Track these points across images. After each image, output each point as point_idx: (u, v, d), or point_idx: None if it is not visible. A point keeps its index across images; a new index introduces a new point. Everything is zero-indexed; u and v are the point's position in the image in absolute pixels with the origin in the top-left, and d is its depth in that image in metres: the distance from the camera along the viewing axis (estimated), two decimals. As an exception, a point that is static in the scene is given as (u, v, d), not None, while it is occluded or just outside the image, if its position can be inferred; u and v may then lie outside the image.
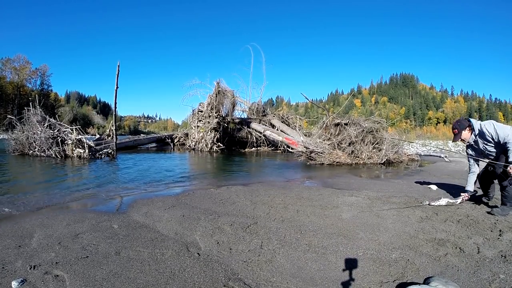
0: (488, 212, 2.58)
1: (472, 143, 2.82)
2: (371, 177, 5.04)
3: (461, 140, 2.85)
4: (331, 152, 6.87)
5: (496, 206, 2.64)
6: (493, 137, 2.63)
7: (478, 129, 2.70)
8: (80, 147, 7.41)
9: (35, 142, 7.51)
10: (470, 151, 2.94)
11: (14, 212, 2.58)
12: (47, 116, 7.83)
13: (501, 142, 2.58)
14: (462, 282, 1.41)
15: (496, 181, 2.83)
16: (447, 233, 2.05)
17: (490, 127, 2.63)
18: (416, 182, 4.21)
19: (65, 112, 53.63)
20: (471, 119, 2.79)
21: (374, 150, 7.14)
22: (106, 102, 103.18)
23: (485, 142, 2.72)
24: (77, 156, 7.30)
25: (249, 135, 12.52)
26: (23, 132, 7.86)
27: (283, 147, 11.13)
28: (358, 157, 6.95)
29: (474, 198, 3.03)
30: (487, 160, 2.75)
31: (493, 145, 2.69)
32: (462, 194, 2.94)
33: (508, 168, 2.49)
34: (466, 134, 2.79)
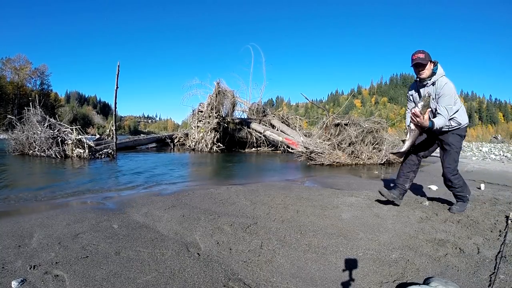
0: (448, 209, 2.61)
1: (420, 89, 2.40)
2: (371, 177, 5.04)
3: (419, 77, 2.34)
4: (331, 152, 6.87)
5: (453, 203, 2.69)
6: (437, 94, 2.27)
7: (436, 79, 2.29)
8: (80, 147, 7.40)
9: (35, 142, 7.50)
10: (411, 98, 2.54)
11: (14, 212, 2.58)
12: (47, 116, 7.82)
13: (436, 100, 2.27)
14: (462, 282, 1.41)
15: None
16: (447, 234, 2.05)
17: (448, 84, 2.24)
18: (416, 182, 4.21)
19: (65, 112, 53.70)
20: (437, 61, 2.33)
21: (374, 150, 7.14)
22: (106, 102, 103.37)
23: (433, 96, 2.31)
24: (77, 156, 7.30)
25: (249, 136, 12.52)
26: (23, 132, 7.85)
27: (283, 147, 11.12)
28: (358, 157, 6.95)
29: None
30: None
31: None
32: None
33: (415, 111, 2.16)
34: (429, 68, 2.29)
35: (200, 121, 11.67)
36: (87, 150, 7.37)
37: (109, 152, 7.66)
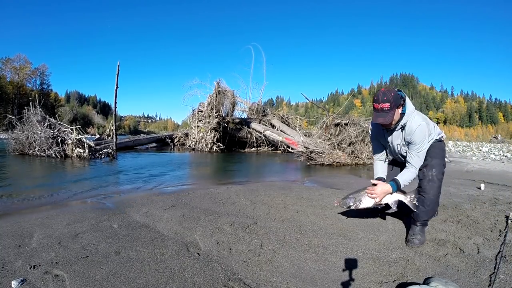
0: (406, 242, 1.90)
1: (387, 133, 2.02)
2: (371, 177, 5.04)
3: (384, 125, 1.92)
4: (331, 152, 6.87)
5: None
6: (409, 142, 1.90)
7: (406, 121, 1.88)
8: (80, 147, 7.41)
9: (35, 142, 7.51)
10: (376, 138, 2.20)
11: (14, 211, 2.58)
12: (47, 116, 7.83)
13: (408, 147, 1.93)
14: (462, 282, 1.41)
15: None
16: (447, 233, 2.05)
17: (419, 128, 1.84)
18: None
19: (65, 112, 53.73)
20: (404, 94, 1.89)
21: (374, 150, 7.14)
22: (106, 102, 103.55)
23: (402, 142, 1.97)
24: (77, 156, 7.30)
25: (249, 135, 12.52)
26: (23, 132, 7.85)
27: (283, 147, 11.13)
28: (358, 157, 6.95)
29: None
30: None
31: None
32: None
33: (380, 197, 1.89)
34: (398, 114, 1.86)
35: (200, 121, 11.68)
36: (87, 150, 7.38)
37: (109, 152, 7.66)
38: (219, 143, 11.33)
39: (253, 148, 12.43)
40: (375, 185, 2.02)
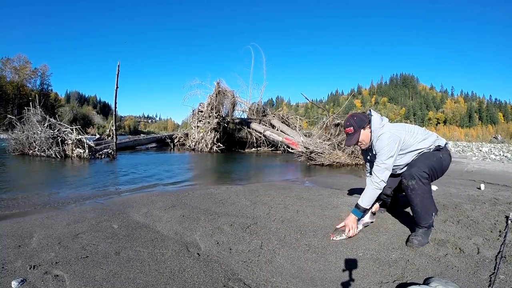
0: (406, 242, 1.90)
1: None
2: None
3: (358, 144, 2.08)
4: (331, 152, 6.87)
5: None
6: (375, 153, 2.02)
7: (376, 137, 2.00)
8: (80, 147, 7.41)
9: (35, 142, 7.51)
10: (364, 154, 2.31)
11: (14, 212, 2.58)
12: (47, 116, 7.83)
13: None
14: (462, 283, 1.41)
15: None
16: (447, 234, 2.05)
17: (380, 138, 1.96)
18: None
19: (65, 112, 53.82)
20: (373, 113, 2.06)
21: (374, 150, 7.14)
22: (106, 102, 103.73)
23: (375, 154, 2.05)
24: (77, 156, 7.30)
25: (249, 135, 12.52)
26: (23, 132, 7.86)
27: (283, 147, 11.13)
28: (358, 157, 6.95)
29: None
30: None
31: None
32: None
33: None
34: (366, 134, 2.04)
35: (200, 121, 11.68)
36: (87, 150, 7.38)
37: (109, 152, 7.66)
38: (219, 143, 11.33)
39: (253, 148, 12.43)
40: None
